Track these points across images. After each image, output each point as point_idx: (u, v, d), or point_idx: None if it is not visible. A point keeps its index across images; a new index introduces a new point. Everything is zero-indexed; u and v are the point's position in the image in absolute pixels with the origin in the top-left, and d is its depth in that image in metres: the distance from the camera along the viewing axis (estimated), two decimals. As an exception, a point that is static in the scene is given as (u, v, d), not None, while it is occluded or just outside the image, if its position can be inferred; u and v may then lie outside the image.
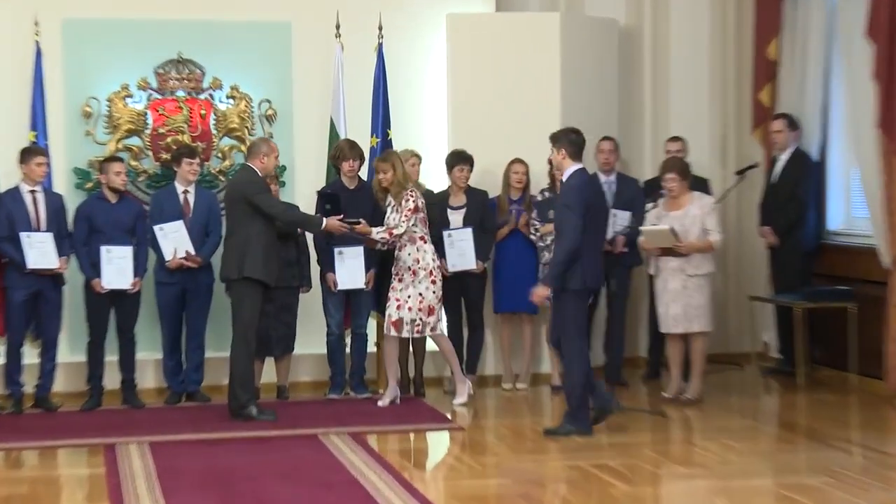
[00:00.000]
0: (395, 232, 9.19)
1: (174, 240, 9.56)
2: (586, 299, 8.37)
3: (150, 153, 10.36)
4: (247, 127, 10.50)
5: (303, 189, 10.42)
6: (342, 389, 10.13)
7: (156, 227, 9.54)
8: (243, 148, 10.33)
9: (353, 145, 9.81)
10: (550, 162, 9.38)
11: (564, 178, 8.19)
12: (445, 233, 9.94)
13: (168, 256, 9.52)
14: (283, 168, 10.38)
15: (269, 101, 10.59)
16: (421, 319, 9.52)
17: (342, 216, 8.99)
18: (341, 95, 10.31)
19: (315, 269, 10.02)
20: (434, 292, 9.53)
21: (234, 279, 8.94)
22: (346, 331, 10.12)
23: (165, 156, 10.38)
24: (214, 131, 10.46)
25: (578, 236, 8.03)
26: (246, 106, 10.55)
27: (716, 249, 9.77)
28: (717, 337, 10.65)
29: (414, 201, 9.41)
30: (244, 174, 9.04)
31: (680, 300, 9.74)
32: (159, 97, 10.33)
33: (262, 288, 8.96)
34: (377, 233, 9.34)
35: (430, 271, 9.50)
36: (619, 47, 11.22)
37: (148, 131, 10.30)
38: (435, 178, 10.54)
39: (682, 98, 11.65)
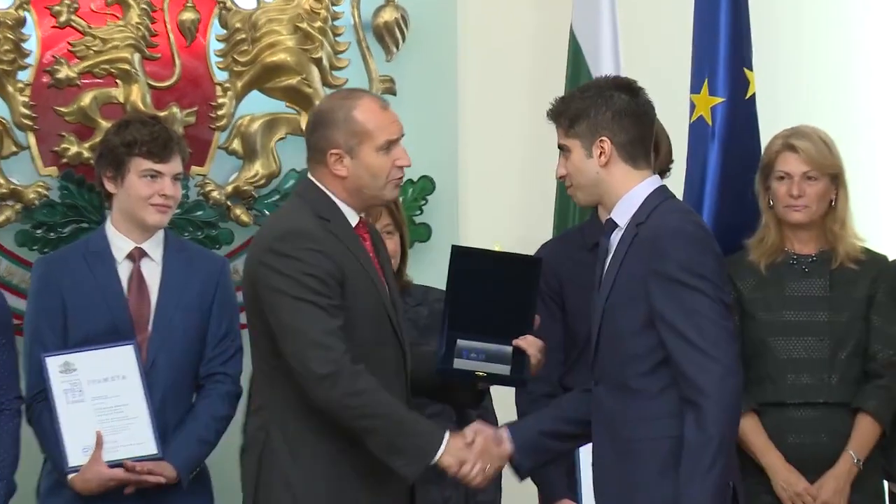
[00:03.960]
0: None
1: (99, 401, 4.26)
2: None
3: (31, 142, 4.92)
4: (315, 60, 4.95)
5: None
6: None
7: (47, 360, 4.19)
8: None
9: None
10: None
11: (617, 213, 3.66)
12: None
13: (75, 458, 4.22)
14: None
15: (387, -16, 5.30)
16: None
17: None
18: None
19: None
20: None
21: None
22: None
23: (76, 149, 4.91)
24: (223, 76, 5.06)
25: (734, 354, 3.45)
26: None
27: None
28: None
29: None
30: (288, 211, 3.70)
31: None
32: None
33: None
34: None
35: None
36: None
37: (26, 75, 4.88)
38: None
39: None
